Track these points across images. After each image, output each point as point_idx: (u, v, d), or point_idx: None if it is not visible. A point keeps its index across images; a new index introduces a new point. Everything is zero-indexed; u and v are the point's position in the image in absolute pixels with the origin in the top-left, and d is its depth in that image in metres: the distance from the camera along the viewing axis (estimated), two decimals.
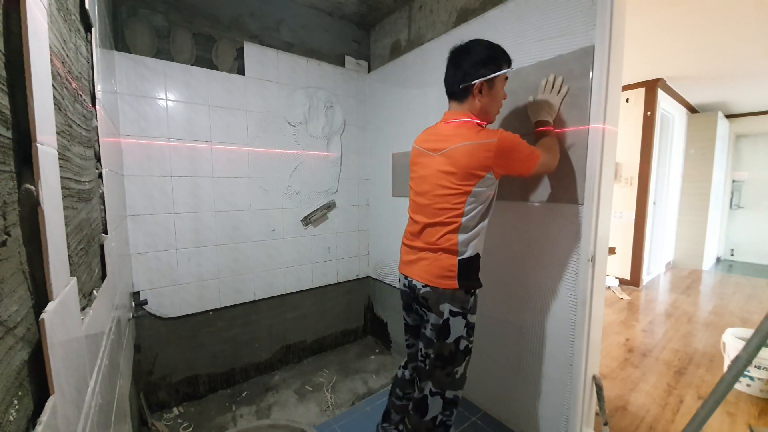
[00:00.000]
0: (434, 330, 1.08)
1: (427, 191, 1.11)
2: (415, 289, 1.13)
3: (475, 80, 1.05)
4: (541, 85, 1.29)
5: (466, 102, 1.09)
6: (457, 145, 1.03)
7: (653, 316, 3.03)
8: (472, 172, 1.01)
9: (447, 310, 1.05)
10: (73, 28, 0.69)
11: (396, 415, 1.33)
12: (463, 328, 1.07)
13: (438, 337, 1.07)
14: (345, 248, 2.34)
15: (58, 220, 0.47)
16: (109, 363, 0.78)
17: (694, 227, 4.67)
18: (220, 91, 1.76)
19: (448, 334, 1.06)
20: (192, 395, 1.82)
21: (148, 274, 1.63)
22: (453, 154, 1.03)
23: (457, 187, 1.03)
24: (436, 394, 1.10)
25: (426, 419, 1.10)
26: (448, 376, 1.08)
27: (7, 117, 0.37)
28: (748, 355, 0.76)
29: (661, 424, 1.65)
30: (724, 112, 4.69)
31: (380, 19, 2.21)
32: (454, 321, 1.06)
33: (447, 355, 1.07)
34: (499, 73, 1.06)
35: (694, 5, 2.11)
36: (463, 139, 1.03)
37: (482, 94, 1.07)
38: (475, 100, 1.08)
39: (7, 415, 0.33)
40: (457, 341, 1.07)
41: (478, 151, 1.00)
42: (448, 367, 1.08)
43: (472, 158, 1.00)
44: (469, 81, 1.06)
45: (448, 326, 1.06)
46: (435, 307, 1.07)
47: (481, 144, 1.00)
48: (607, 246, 1.30)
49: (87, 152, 0.76)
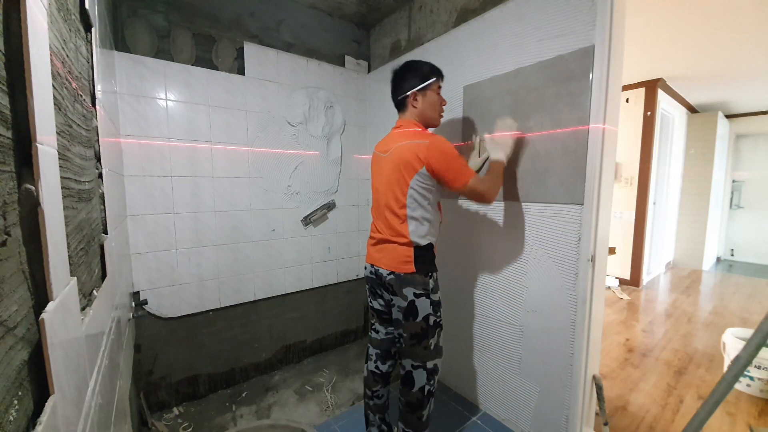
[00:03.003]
0: (401, 311, 1.23)
1: (381, 188, 1.28)
2: (381, 276, 1.27)
3: (408, 92, 1.26)
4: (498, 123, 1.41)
5: (407, 110, 1.29)
6: (399, 144, 1.22)
7: (653, 316, 3.03)
8: (410, 164, 1.17)
9: (411, 293, 1.20)
10: (73, 28, 0.69)
11: (374, 416, 1.41)
12: (429, 306, 1.21)
13: (406, 317, 1.22)
14: (345, 248, 2.34)
15: (58, 220, 0.47)
16: (109, 363, 0.78)
17: (694, 227, 4.67)
18: (220, 91, 1.76)
19: (416, 314, 1.21)
20: (192, 395, 1.82)
21: (148, 274, 1.63)
22: (396, 152, 1.22)
23: (400, 180, 1.20)
24: (419, 366, 1.24)
25: (414, 390, 1.24)
26: (425, 349, 1.23)
27: (7, 117, 0.37)
28: (748, 355, 0.76)
29: (661, 424, 1.65)
30: (724, 112, 4.69)
31: (380, 19, 2.21)
32: (419, 302, 1.20)
33: (420, 332, 1.22)
34: (428, 82, 1.26)
35: (694, 5, 2.11)
36: (405, 140, 1.22)
37: (417, 101, 1.27)
38: (412, 107, 1.28)
39: (7, 415, 0.33)
40: (425, 318, 1.21)
41: (413, 149, 1.17)
42: (423, 341, 1.22)
43: (409, 152, 1.18)
44: (402, 93, 1.28)
45: (414, 307, 1.20)
46: (399, 291, 1.21)
47: (417, 143, 1.18)
48: (607, 246, 1.30)
49: (87, 152, 0.76)
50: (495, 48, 1.50)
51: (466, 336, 1.72)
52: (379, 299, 1.37)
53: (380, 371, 1.39)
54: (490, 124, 1.53)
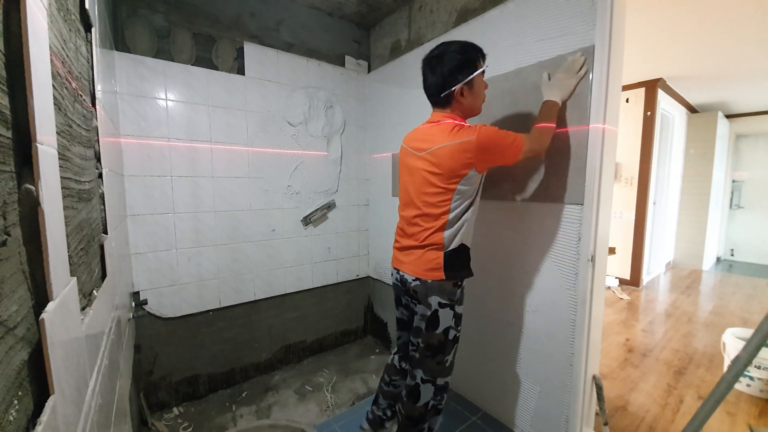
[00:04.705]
0: (423, 320, 1.14)
1: (414, 190, 1.16)
2: (406, 282, 1.18)
3: (455, 86, 1.09)
4: (563, 65, 1.22)
5: (450, 106, 1.14)
6: (440, 146, 1.07)
7: (653, 316, 3.03)
8: (455, 172, 1.05)
9: (436, 302, 1.12)
10: (73, 28, 0.69)
11: (383, 401, 1.40)
12: (452, 319, 1.13)
13: (427, 327, 1.13)
14: (345, 248, 2.34)
15: (58, 220, 0.47)
16: (109, 363, 0.78)
17: (694, 227, 4.67)
18: (220, 91, 1.76)
19: (437, 325, 1.12)
20: (192, 395, 1.82)
21: (148, 274, 1.63)
22: (437, 155, 1.07)
23: (442, 186, 1.08)
24: (428, 381, 1.17)
25: (419, 405, 1.18)
26: (438, 365, 1.16)
27: (7, 117, 0.37)
28: (748, 355, 0.76)
29: (661, 424, 1.65)
30: (724, 112, 4.69)
31: (380, 19, 2.21)
32: (442, 312, 1.12)
33: (436, 344, 1.14)
34: (476, 72, 1.10)
35: (694, 5, 2.10)
36: (446, 139, 1.06)
37: (464, 96, 1.12)
38: (458, 102, 1.12)
39: (7, 415, 0.33)
40: (446, 331, 1.13)
41: (459, 152, 1.04)
42: (438, 356, 1.15)
43: (453, 159, 1.04)
44: (449, 88, 1.10)
45: (437, 317, 1.12)
46: (424, 299, 1.13)
47: (462, 143, 1.03)
48: (607, 246, 1.30)
49: (87, 152, 0.76)
50: (495, 48, 1.49)
51: (466, 336, 1.72)
52: (402, 308, 1.30)
53: (401, 367, 1.38)
54: (490, 123, 1.53)
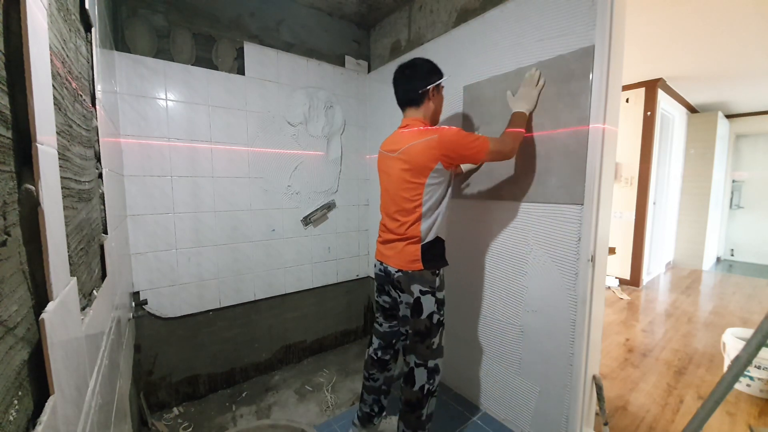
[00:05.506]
0: (408, 308, 1.27)
1: (393, 188, 1.28)
2: (390, 273, 1.30)
3: (429, 85, 1.26)
4: (525, 79, 1.36)
5: (422, 105, 1.28)
6: (409, 144, 1.21)
7: (653, 316, 3.03)
8: (424, 165, 1.18)
9: (417, 290, 1.23)
10: (73, 28, 0.69)
11: (368, 396, 1.47)
12: (434, 304, 1.24)
13: (412, 313, 1.26)
14: (345, 248, 2.34)
15: (58, 220, 0.47)
16: (109, 363, 0.78)
17: (694, 227, 4.67)
18: (220, 91, 1.76)
19: (421, 311, 1.24)
20: (192, 395, 1.81)
21: (148, 274, 1.63)
22: (408, 152, 1.21)
23: (414, 181, 1.21)
24: (420, 365, 1.27)
25: (415, 389, 1.27)
26: (427, 348, 1.26)
27: (7, 117, 0.37)
28: (748, 355, 0.76)
29: (661, 424, 1.65)
30: (724, 112, 4.69)
31: (380, 19, 2.21)
32: (424, 299, 1.23)
33: (423, 329, 1.25)
34: (444, 78, 1.29)
35: (694, 5, 2.10)
36: (415, 139, 1.21)
37: (434, 98, 1.29)
38: (429, 102, 1.28)
39: (7, 415, 0.33)
40: (430, 316, 1.24)
41: (426, 149, 1.17)
42: (426, 340, 1.25)
43: (421, 155, 1.18)
44: (425, 86, 1.26)
45: (420, 304, 1.23)
46: (407, 288, 1.25)
47: (428, 141, 1.17)
48: (607, 246, 1.30)
49: (87, 152, 0.76)
50: (495, 48, 1.50)
51: (467, 336, 1.72)
52: (385, 296, 1.41)
53: (377, 357, 1.45)
54: (490, 123, 1.53)
